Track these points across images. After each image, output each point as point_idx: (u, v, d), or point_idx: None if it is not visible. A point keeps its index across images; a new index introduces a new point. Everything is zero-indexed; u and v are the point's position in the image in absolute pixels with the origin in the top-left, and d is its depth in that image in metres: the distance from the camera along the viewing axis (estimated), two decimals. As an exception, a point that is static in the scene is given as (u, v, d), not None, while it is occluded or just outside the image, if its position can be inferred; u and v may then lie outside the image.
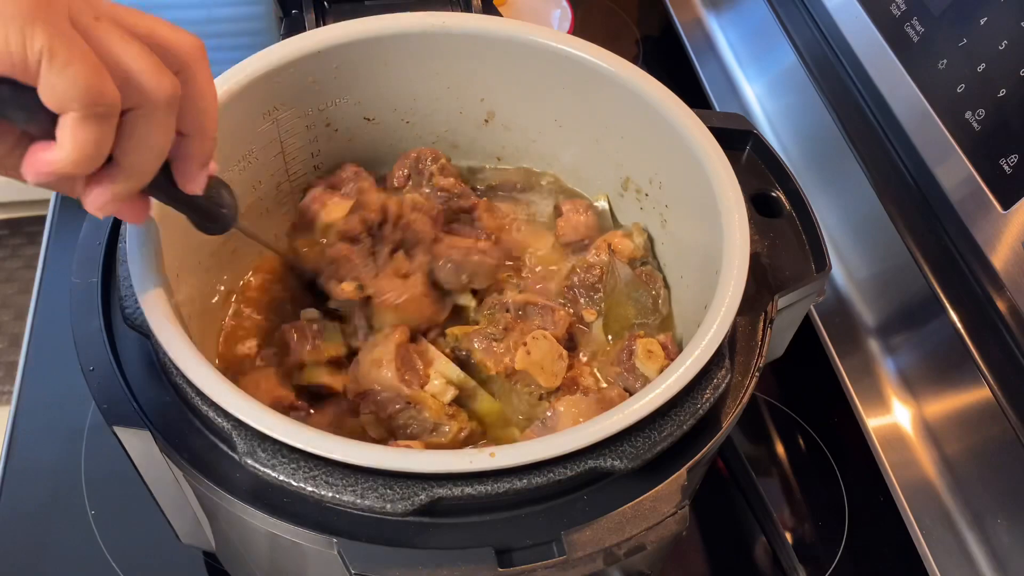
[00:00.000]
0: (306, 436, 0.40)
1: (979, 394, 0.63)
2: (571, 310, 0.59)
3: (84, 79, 0.34)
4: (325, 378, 0.54)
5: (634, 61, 0.57)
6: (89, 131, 0.35)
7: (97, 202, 0.39)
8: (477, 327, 0.56)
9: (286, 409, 0.52)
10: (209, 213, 0.46)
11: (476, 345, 0.55)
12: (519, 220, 0.65)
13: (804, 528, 0.70)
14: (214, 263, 0.56)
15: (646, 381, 0.53)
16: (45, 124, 0.36)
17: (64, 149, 0.35)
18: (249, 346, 0.56)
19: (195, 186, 0.43)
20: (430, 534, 0.42)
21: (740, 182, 0.52)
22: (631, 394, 0.50)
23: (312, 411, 0.53)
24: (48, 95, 0.34)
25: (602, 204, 0.65)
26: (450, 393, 0.53)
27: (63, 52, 0.34)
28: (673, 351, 0.55)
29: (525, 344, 0.54)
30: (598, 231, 0.63)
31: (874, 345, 0.73)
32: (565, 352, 0.56)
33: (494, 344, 0.55)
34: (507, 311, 0.57)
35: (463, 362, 0.55)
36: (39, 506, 0.67)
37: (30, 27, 0.33)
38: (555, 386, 0.54)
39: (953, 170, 0.63)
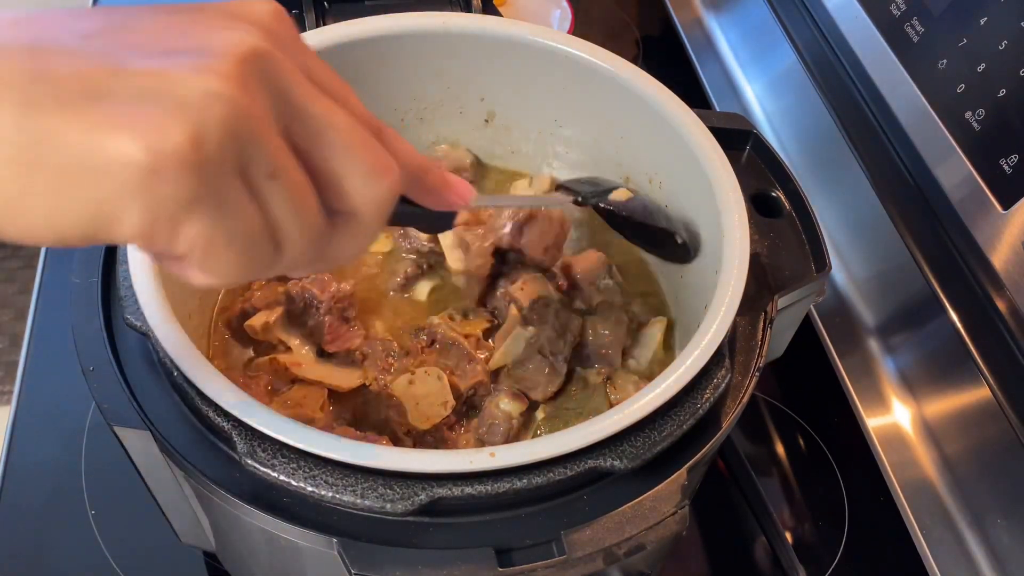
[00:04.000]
0: (306, 436, 0.40)
1: (979, 394, 0.63)
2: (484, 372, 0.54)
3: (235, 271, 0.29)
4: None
5: (634, 61, 0.57)
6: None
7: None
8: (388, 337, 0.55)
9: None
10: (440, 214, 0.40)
11: (367, 350, 0.54)
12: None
13: (804, 528, 0.70)
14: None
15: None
16: None
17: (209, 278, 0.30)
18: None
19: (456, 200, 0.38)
20: (430, 534, 0.42)
21: (740, 182, 0.52)
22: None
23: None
24: (197, 279, 0.29)
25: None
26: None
27: (223, 249, 0.28)
28: None
29: (413, 372, 0.52)
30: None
31: (874, 345, 0.73)
32: (452, 403, 0.52)
33: (390, 359, 0.53)
34: (423, 338, 0.55)
35: (354, 362, 0.54)
36: (39, 506, 0.67)
37: (184, 213, 0.26)
38: (423, 428, 0.51)
39: (953, 170, 0.63)
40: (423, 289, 0.60)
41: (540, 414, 0.55)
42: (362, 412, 0.53)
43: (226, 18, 0.29)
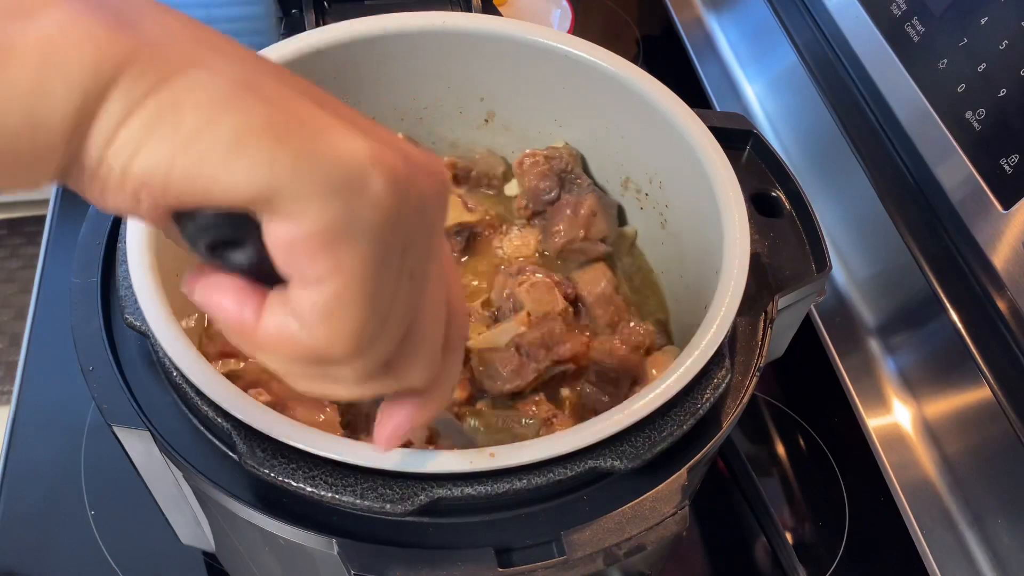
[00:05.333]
0: (305, 436, 0.40)
1: (979, 394, 0.63)
2: None
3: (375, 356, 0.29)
4: None
5: (634, 61, 0.57)
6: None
7: (398, 432, 0.35)
8: None
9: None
10: None
11: None
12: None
13: (804, 528, 0.70)
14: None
15: None
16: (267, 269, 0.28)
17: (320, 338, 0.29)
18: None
19: None
20: (430, 534, 0.42)
21: (740, 182, 0.52)
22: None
23: None
24: (310, 331, 0.28)
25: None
26: None
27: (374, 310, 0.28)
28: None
29: None
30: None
31: (874, 345, 0.73)
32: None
33: None
34: None
35: None
36: (39, 506, 0.67)
37: (357, 228, 0.26)
38: None
39: (953, 170, 0.63)
40: None
41: (478, 422, 0.52)
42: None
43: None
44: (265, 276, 0.28)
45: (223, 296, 0.29)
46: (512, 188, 0.64)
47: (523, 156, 0.62)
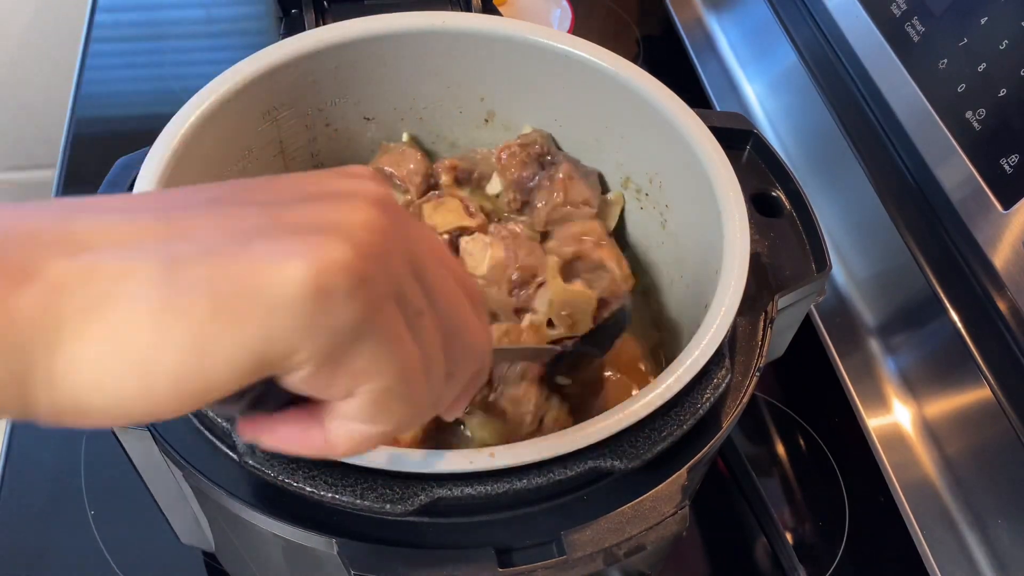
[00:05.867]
0: (306, 436, 0.40)
1: (979, 394, 0.63)
2: None
3: (410, 404, 0.29)
4: None
5: (634, 61, 0.57)
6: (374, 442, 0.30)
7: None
8: None
9: None
10: None
11: None
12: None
13: (804, 528, 0.70)
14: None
15: None
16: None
17: (333, 445, 0.29)
18: None
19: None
20: (430, 534, 0.42)
21: (740, 182, 0.52)
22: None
23: None
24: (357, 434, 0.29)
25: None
26: None
27: (396, 362, 0.27)
28: None
29: None
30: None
31: (874, 345, 0.73)
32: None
33: None
34: None
35: None
36: (39, 506, 0.67)
37: (355, 334, 0.26)
38: None
39: (953, 170, 0.63)
40: None
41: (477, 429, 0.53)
42: None
43: (347, 177, 0.29)
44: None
45: (286, 434, 0.29)
46: (494, 186, 0.64)
47: (499, 151, 0.62)
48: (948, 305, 0.64)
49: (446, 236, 0.59)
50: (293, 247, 0.25)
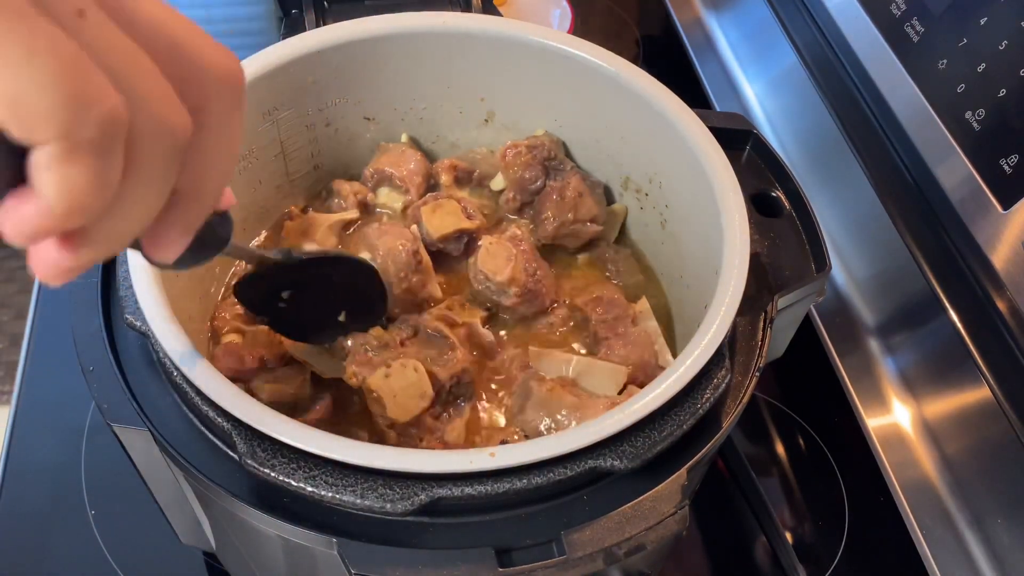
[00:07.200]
0: (305, 436, 0.40)
1: (979, 394, 0.63)
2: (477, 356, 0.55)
3: (65, 89, 0.23)
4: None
5: (634, 61, 0.57)
6: (81, 169, 0.25)
7: (51, 270, 0.27)
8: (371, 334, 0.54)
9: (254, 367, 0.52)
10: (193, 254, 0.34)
11: (349, 343, 0.53)
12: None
13: (804, 528, 0.70)
14: (215, 262, 0.56)
15: None
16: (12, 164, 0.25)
17: (45, 200, 0.25)
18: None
19: (166, 253, 0.32)
20: (430, 534, 0.42)
21: (740, 182, 0.52)
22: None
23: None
24: (6, 115, 0.23)
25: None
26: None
27: (19, 45, 0.23)
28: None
29: (389, 366, 0.50)
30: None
31: (874, 345, 0.73)
32: (431, 394, 0.51)
33: (369, 353, 0.52)
34: (404, 329, 0.54)
35: (336, 355, 0.54)
36: (39, 506, 0.67)
37: None
38: (403, 420, 0.50)
39: (953, 170, 0.63)
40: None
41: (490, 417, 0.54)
42: (343, 397, 0.53)
43: None
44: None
45: (9, 212, 0.26)
46: (498, 183, 0.64)
47: (505, 149, 0.63)
48: (948, 305, 0.64)
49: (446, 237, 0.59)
50: None
